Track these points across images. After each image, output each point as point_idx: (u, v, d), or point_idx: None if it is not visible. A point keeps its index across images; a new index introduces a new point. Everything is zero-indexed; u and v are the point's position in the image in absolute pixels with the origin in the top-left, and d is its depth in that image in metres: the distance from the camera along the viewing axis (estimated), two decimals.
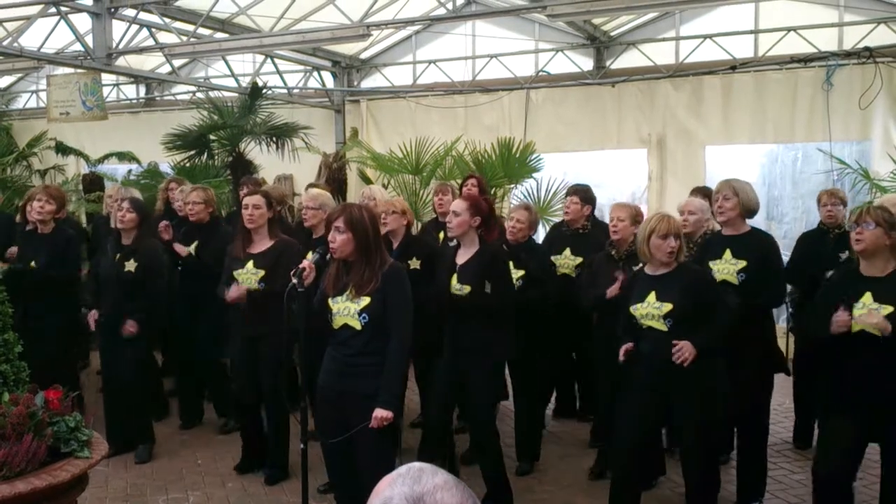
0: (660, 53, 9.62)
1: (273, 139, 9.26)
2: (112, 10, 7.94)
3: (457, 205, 4.43)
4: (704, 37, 9.25)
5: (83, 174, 11.42)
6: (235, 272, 4.99)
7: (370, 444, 3.54)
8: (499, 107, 10.16)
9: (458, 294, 4.34)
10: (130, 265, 5.37)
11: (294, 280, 3.59)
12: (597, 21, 9.42)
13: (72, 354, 6.27)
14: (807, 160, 9.27)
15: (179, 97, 12.31)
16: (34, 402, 3.10)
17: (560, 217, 7.47)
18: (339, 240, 3.61)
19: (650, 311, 3.96)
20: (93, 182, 10.93)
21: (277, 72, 10.81)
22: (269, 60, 10.62)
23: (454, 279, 4.38)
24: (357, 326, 3.60)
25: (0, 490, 2.80)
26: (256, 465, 5.29)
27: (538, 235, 8.64)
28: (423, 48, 10.85)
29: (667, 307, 3.91)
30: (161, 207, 6.97)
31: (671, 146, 9.40)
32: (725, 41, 9.15)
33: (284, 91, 10.96)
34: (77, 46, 8.73)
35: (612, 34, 9.89)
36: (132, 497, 4.99)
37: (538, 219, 5.33)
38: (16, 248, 5.91)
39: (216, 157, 9.21)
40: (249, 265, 4.98)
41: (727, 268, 4.47)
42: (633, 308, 4.03)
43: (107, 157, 11.56)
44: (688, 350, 3.82)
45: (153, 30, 8.78)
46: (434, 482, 1.41)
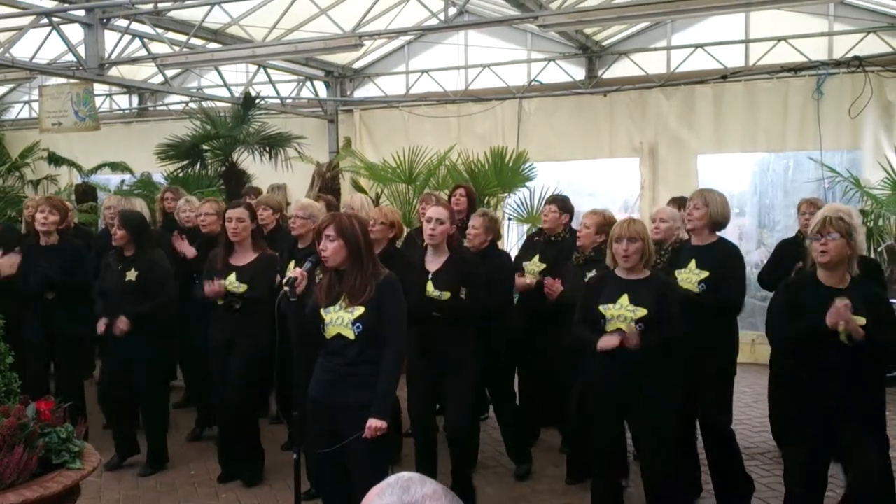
0: (651, 63, 9.66)
1: (266, 149, 9.26)
2: (104, 21, 7.94)
3: (441, 213, 4.45)
4: (696, 46, 9.31)
5: (76, 184, 11.40)
6: (218, 283, 5.05)
7: (364, 455, 3.52)
8: (491, 116, 10.19)
9: (437, 300, 4.36)
10: (131, 275, 5.34)
11: (286, 289, 3.59)
12: (588, 31, 9.47)
13: (82, 366, 6.26)
14: (798, 169, 9.31)
15: (172, 107, 12.30)
16: (25, 414, 3.09)
17: None
18: (331, 248, 3.61)
19: (623, 314, 3.99)
20: (85, 192, 10.91)
21: (270, 82, 10.83)
22: (262, 70, 10.64)
23: (429, 286, 4.40)
24: (351, 336, 3.59)
25: None
26: (237, 475, 5.30)
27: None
28: (416, 58, 10.89)
29: (641, 312, 3.97)
30: (160, 218, 6.94)
31: (663, 155, 9.44)
32: (717, 50, 9.20)
33: (277, 101, 10.97)
34: (69, 57, 8.73)
35: (604, 44, 9.94)
36: None
37: (497, 225, 5.36)
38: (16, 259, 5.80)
39: (209, 167, 9.21)
40: (232, 277, 5.04)
41: (690, 277, 4.52)
42: (604, 308, 4.06)
43: (100, 168, 11.55)
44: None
45: (145, 40, 8.80)
46: (423, 492, 1.41)
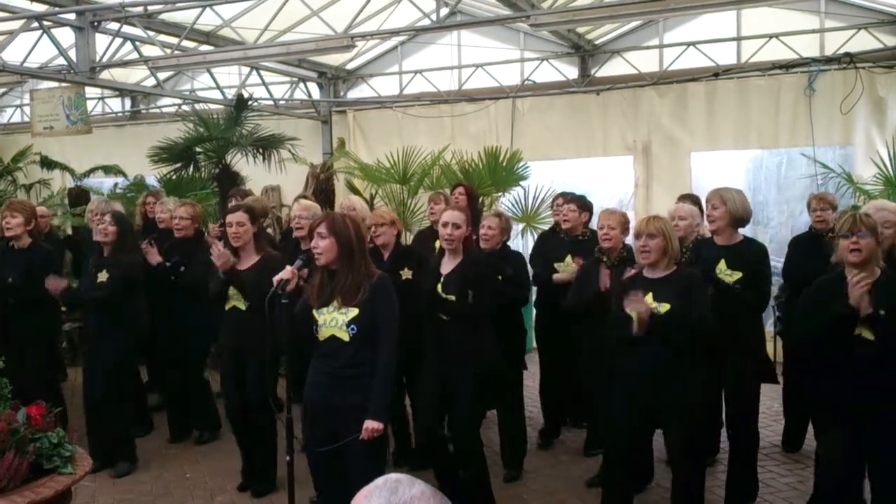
0: (644, 61, 9.67)
1: (260, 151, 9.24)
2: (95, 24, 7.91)
3: (457, 217, 4.37)
4: (688, 44, 9.31)
5: (69, 188, 11.35)
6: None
7: (361, 456, 3.52)
8: (485, 116, 10.19)
9: (444, 301, 4.33)
10: (102, 276, 5.32)
11: (278, 290, 3.58)
12: (581, 30, 9.47)
13: (53, 370, 6.23)
14: (791, 165, 9.33)
15: (165, 110, 12.28)
16: (16, 419, 3.07)
17: (548, 224, 7.51)
18: (322, 245, 3.60)
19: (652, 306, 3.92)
20: (79, 196, 10.87)
21: (263, 83, 10.81)
22: (255, 72, 10.62)
23: (438, 287, 4.37)
24: (345, 338, 3.58)
25: None
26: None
27: (525, 242, 8.75)
28: (409, 58, 10.88)
29: (664, 307, 3.90)
30: (140, 222, 6.93)
31: (656, 153, 9.44)
32: (708, 48, 9.21)
33: (270, 102, 10.95)
34: (60, 60, 8.70)
35: (597, 42, 9.94)
36: None
37: (510, 225, 5.36)
38: None
39: (203, 170, 9.19)
40: None
41: (724, 279, 4.48)
42: (629, 310, 3.97)
43: (92, 171, 11.49)
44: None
45: (137, 43, 8.77)
46: (411, 493, 1.41)
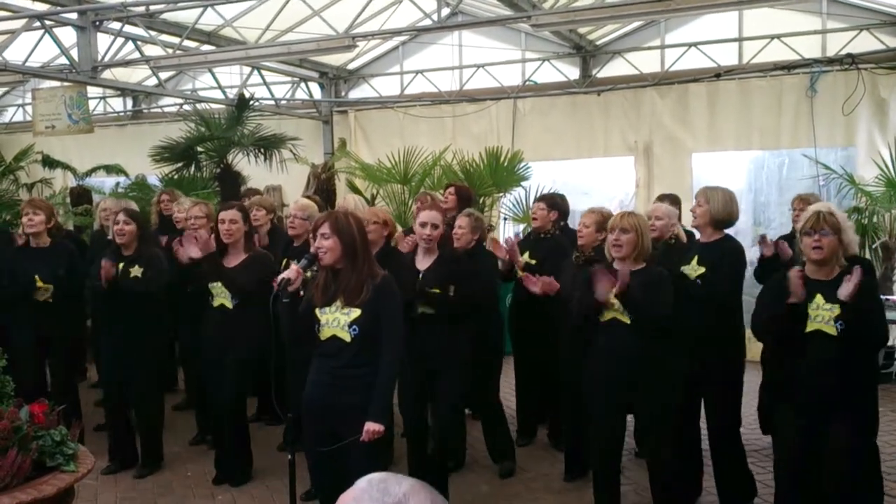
0: (645, 62, 9.68)
1: (261, 150, 9.25)
2: (97, 24, 7.93)
3: (434, 217, 4.44)
4: (689, 45, 9.32)
5: (70, 187, 11.37)
6: (210, 285, 5.07)
7: (362, 457, 3.51)
8: (486, 116, 10.20)
9: (427, 293, 4.38)
10: (136, 271, 5.32)
11: (278, 289, 3.59)
12: (582, 30, 9.48)
13: (77, 369, 6.25)
14: (793, 166, 9.33)
15: (166, 109, 12.29)
16: (19, 417, 3.08)
17: None
18: (326, 245, 3.60)
19: (614, 301, 4.00)
20: (80, 195, 10.89)
21: (264, 83, 10.82)
22: (256, 72, 10.63)
23: (418, 283, 4.41)
24: (346, 338, 3.58)
25: None
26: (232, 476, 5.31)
27: None
28: (410, 58, 10.89)
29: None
30: (156, 221, 6.95)
31: (658, 154, 9.45)
32: (710, 49, 9.22)
33: (272, 102, 10.96)
34: (62, 60, 8.71)
35: (598, 43, 9.95)
36: None
37: (481, 225, 5.39)
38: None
39: (204, 169, 9.20)
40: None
41: (690, 273, 4.56)
42: (601, 294, 4.05)
43: (94, 171, 11.52)
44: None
45: (139, 42, 8.78)
46: (402, 490, 1.40)
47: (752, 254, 8.94)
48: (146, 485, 5.34)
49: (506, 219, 9.32)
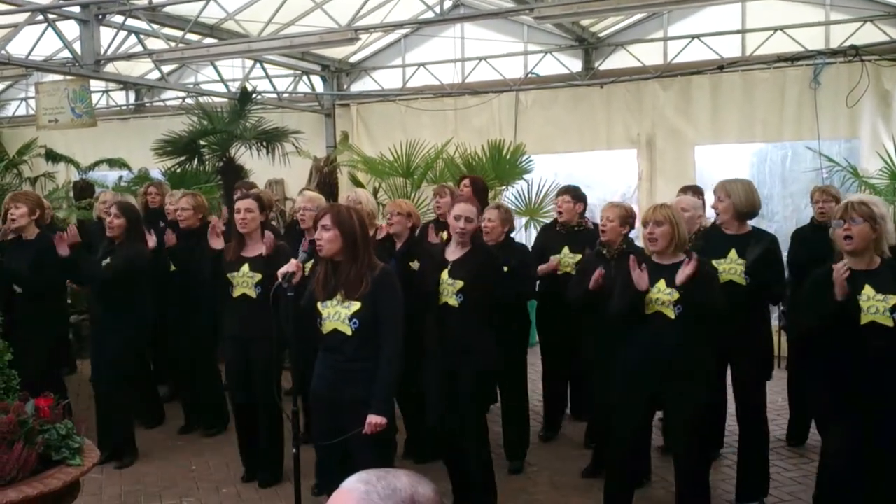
0: (648, 54, 9.65)
1: (263, 144, 9.25)
2: (100, 17, 7.93)
3: (469, 210, 4.40)
4: (692, 37, 9.29)
5: (74, 181, 11.39)
6: (230, 275, 4.99)
7: (368, 451, 3.52)
8: (488, 109, 10.17)
9: (450, 289, 4.34)
10: (105, 263, 5.35)
11: (283, 283, 3.60)
12: (585, 22, 9.44)
13: (58, 362, 6.23)
14: (796, 158, 9.31)
15: (169, 103, 12.28)
16: (25, 411, 3.09)
17: (551, 218, 7.50)
18: (326, 237, 3.60)
19: (660, 297, 3.95)
20: (84, 189, 10.90)
21: (267, 76, 10.80)
22: (259, 65, 10.61)
23: (445, 273, 4.38)
24: (347, 332, 3.59)
25: None
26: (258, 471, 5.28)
27: (528, 235, 8.75)
28: (412, 51, 10.87)
29: (677, 295, 3.92)
30: (141, 211, 6.95)
31: (661, 146, 9.42)
32: (713, 41, 9.19)
33: (274, 96, 10.95)
34: (65, 53, 8.71)
35: (601, 35, 9.92)
36: None
37: (511, 217, 5.36)
38: None
39: (206, 163, 9.20)
40: (245, 268, 4.97)
41: (734, 268, 4.49)
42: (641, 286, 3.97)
43: (97, 164, 11.53)
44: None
45: (141, 36, 8.77)
46: (406, 481, 1.42)
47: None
48: (150, 478, 5.36)
49: None
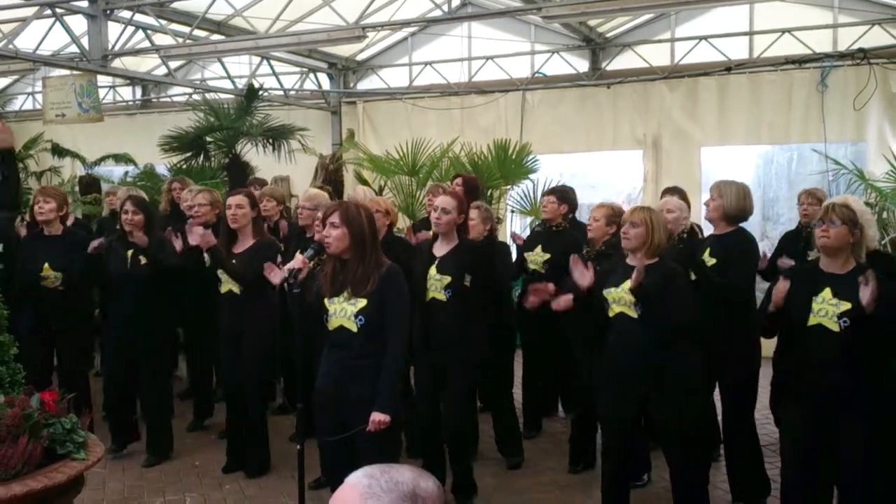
0: (655, 55, 9.63)
1: (269, 141, 9.26)
2: (108, 12, 7.94)
3: (447, 202, 4.48)
4: (699, 38, 9.28)
5: (80, 176, 11.40)
6: (219, 271, 5.09)
7: (371, 448, 3.52)
8: (495, 108, 10.16)
9: (438, 283, 4.38)
10: (145, 258, 5.35)
11: (290, 280, 3.60)
12: (592, 22, 9.43)
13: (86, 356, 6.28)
14: (802, 161, 9.29)
15: (175, 99, 12.29)
16: (30, 404, 3.10)
17: None
18: (334, 235, 3.60)
19: (622, 296, 3.97)
20: (89, 184, 10.91)
21: (273, 73, 10.81)
22: (266, 62, 10.62)
23: (433, 269, 4.41)
24: (353, 329, 3.59)
25: None
26: (242, 465, 5.33)
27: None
28: (419, 50, 10.86)
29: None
30: (167, 208, 6.98)
31: (667, 147, 9.41)
32: (720, 42, 9.17)
33: (281, 93, 10.96)
34: (73, 48, 8.72)
35: (608, 36, 9.91)
36: (129, 499, 4.99)
37: (491, 216, 5.42)
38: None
39: (213, 159, 9.21)
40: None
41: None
42: (607, 291, 4.05)
43: (103, 160, 11.54)
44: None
45: (149, 32, 8.78)
46: (410, 475, 1.41)
47: (760, 249, 8.99)
48: (154, 473, 5.37)
49: (513, 211, 9.30)
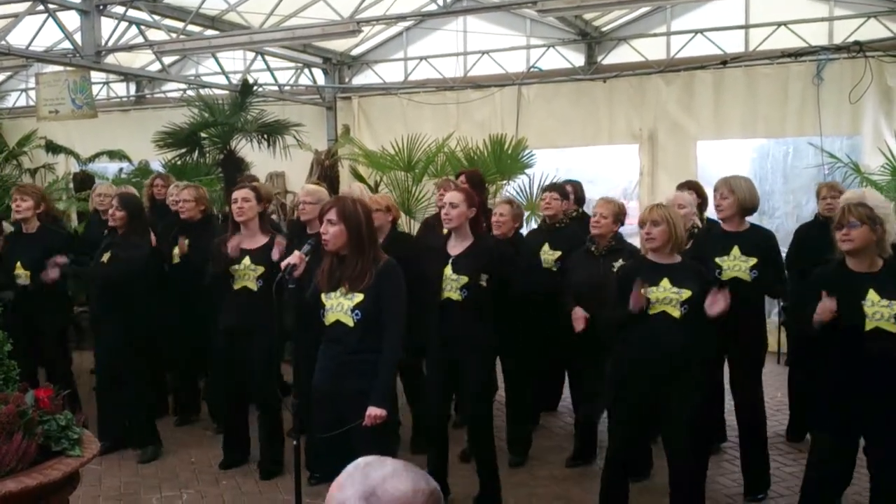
0: (651, 48, 9.62)
1: (264, 137, 9.22)
2: (101, 8, 7.90)
3: (454, 196, 4.43)
4: (695, 32, 9.27)
5: (74, 173, 11.36)
6: (233, 268, 4.98)
7: (367, 442, 3.50)
8: (490, 103, 10.15)
9: (454, 283, 4.34)
10: (105, 256, 5.33)
11: (285, 275, 3.58)
12: (588, 16, 9.42)
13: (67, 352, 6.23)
14: (798, 155, 9.29)
15: (170, 95, 12.25)
16: (24, 401, 3.08)
17: None
18: (332, 231, 3.59)
19: (668, 296, 3.90)
20: (83, 181, 10.86)
21: (268, 69, 10.77)
22: (260, 57, 10.58)
23: (448, 269, 4.36)
24: (350, 323, 3.58)
25: None
26: (239, 462, 5.32)
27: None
28: (415, 44, 10.83)
29: (686, 293, 3.89)
30: (147, 204, 6.94)
31: (663, 141, 9.40)
32: (716, 36, 9.17)
33: (275, 88, 10.92)
34: (66, 44, 8.68)
35: (604, 29, 9.89)
36: (126, 496, 4.97)
37: (521, 212, 5.39)
38: None
39: (207, 155, 9.16)
40: (246, 261, 4.96)
41: (738, 265, 4.52)
42: (647, 291, 3.94)
43: (97, 156, 11.49)
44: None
45: (142, 27, 8.74)
46: (382, 473, 1.41)
47: None
48: (150, 470, 5.35)
49: None
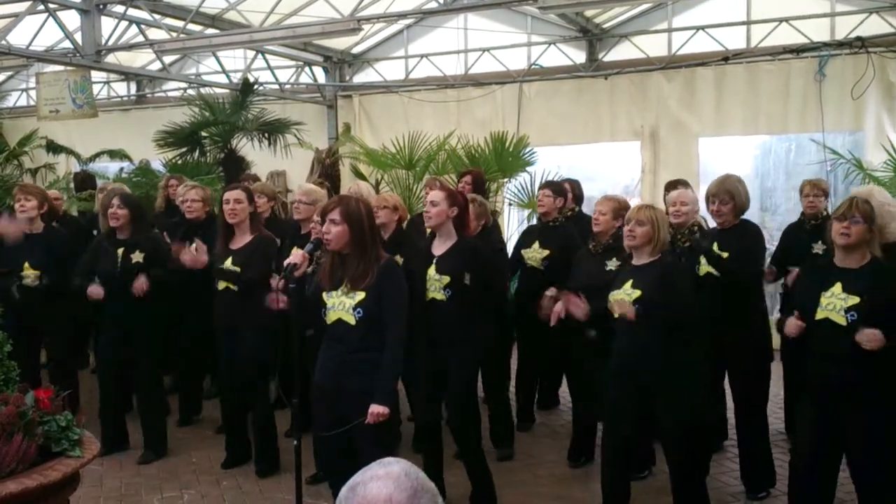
0: (652, 45, 9.59)
1: (265, 135, 9.23)
2: (101, 7, 7.90)
3: (435, 195, 4.45)
4: (697, 28, 9.24)
5: (74, 172, 11.34)
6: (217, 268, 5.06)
7: (370, 439, 3.51)
8: (491, 100, 10.12)
9: (437, 284, 4.35)
10: (137, 256, 5.30)
11: (286, 274, 3.58)
12: (589, 13, 9.40)
13: (76, 357, 6.23)
14: (800, 151, 9.26)
15: (170, 94, 12.25)
16: (24, 402, 3.06)
17: None
18: (334, 231, 3.58)
19: (623, 297, 3.97)
20: (84, 180, 10.82)
21: (269, 67, 10.76)
22: (261, 56, 10.57)
23: (432, 269, 4.38)
24: (351, 321, 3.57)
25: None
26: (241, 461, 5.31)
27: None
28: (415, 42, 10.81)
29: (636, 294, 3.94)
30: (162, 204, 6.95)
31: (664, 138, 9.38)
32: (718, 32, 9.14)
33: (276, 87, 10.91)
34: (66, 44, 8.67)
35: (605, 26, 9.87)
36: (126, 496, 4.96)
37: (486, 210, 5.40)
38: None
39: (208, 154, 9.18)
40: (228, 262, 5.02)
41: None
42: (611, 294, 4.05)
43: (98, 156, 11.50)
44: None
45: (143, 26, 8.73)
46: (375, 472, 1.42)
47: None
48: (151, 470, 5.34)
49: (511, 204, 9.27)
